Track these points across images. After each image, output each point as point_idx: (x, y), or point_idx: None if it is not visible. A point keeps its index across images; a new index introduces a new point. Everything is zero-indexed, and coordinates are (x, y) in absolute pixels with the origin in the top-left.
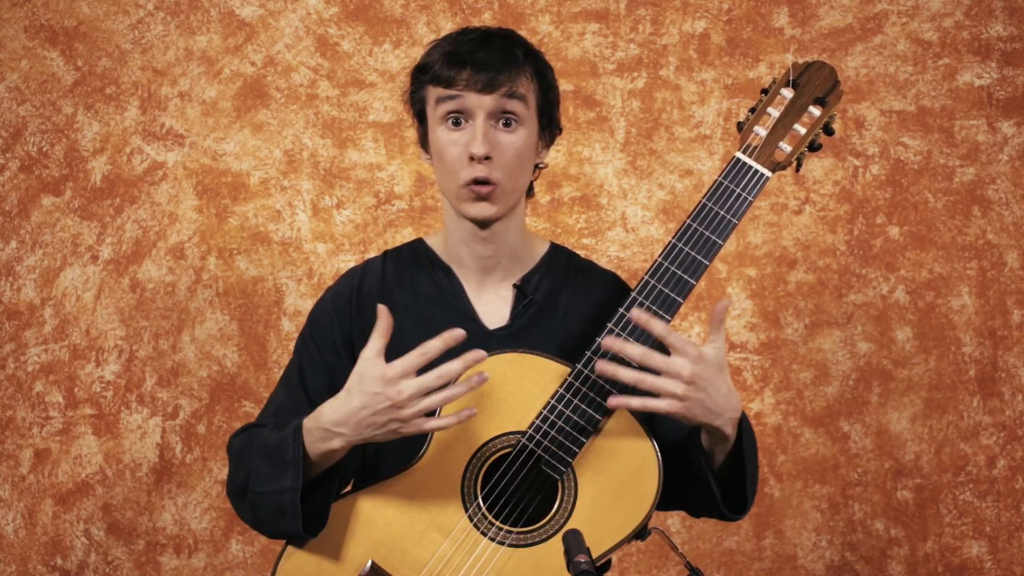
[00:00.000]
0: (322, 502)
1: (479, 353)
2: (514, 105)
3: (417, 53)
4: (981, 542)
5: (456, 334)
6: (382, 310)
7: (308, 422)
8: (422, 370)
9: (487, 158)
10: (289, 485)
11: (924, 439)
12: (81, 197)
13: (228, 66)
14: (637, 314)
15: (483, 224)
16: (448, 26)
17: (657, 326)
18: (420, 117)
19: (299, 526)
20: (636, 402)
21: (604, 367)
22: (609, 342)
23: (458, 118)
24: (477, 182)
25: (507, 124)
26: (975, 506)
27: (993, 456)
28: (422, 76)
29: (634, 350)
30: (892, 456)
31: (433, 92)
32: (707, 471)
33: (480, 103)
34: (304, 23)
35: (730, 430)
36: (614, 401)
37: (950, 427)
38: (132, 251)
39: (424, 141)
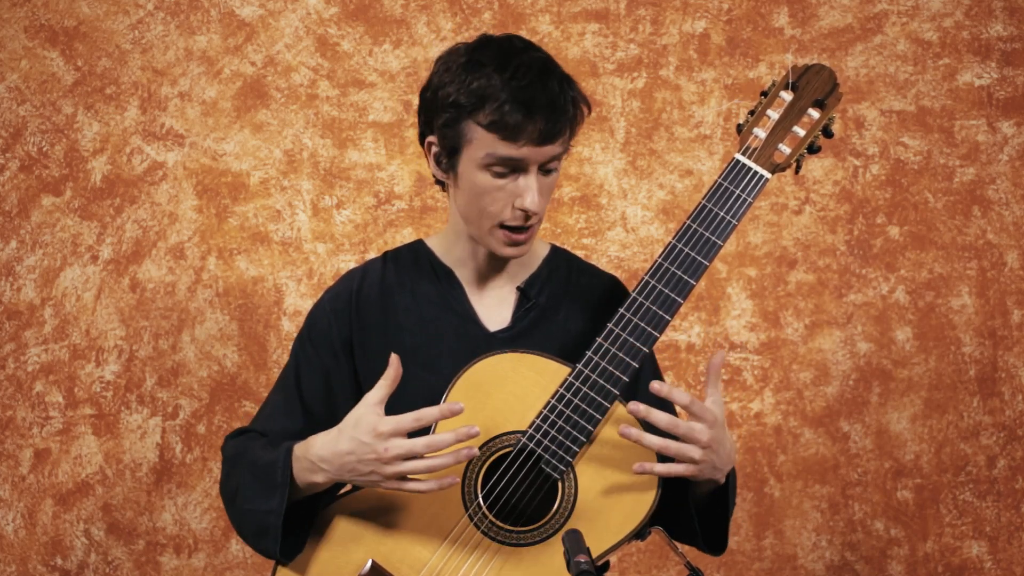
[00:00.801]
0: (302, 530)
1: (473, 428)
2: (563, 150)
3: (417, 53)
4: (981, 542)
5: (455, 407)
6: (393, 359)
7: (299, 449)
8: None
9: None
10: (274, 508)
11: (924, 439)
12: (81, 197)
13: (228, 66)
14: (658, 387)
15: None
16: (448, 26)
17: (681, 397)
18: (451, 151)
19: (278, 549)
20: (661, 468)
21: (628, 432)
22: (634, 407)
23: (507, 172)
24: (517, 229)
25: (547, 172)
26: (975, 506)
27: (993, 456)
28: (468, 112)
29: (660, 419)
30: (892, 456)
31: (483, 137)
32: (691, 505)
33: (539, 156)
34: (304, 23)
35: (722, 479)
36: (638, 467)
37: (950, 427)
38: (132, 251)
39: (446, 167)
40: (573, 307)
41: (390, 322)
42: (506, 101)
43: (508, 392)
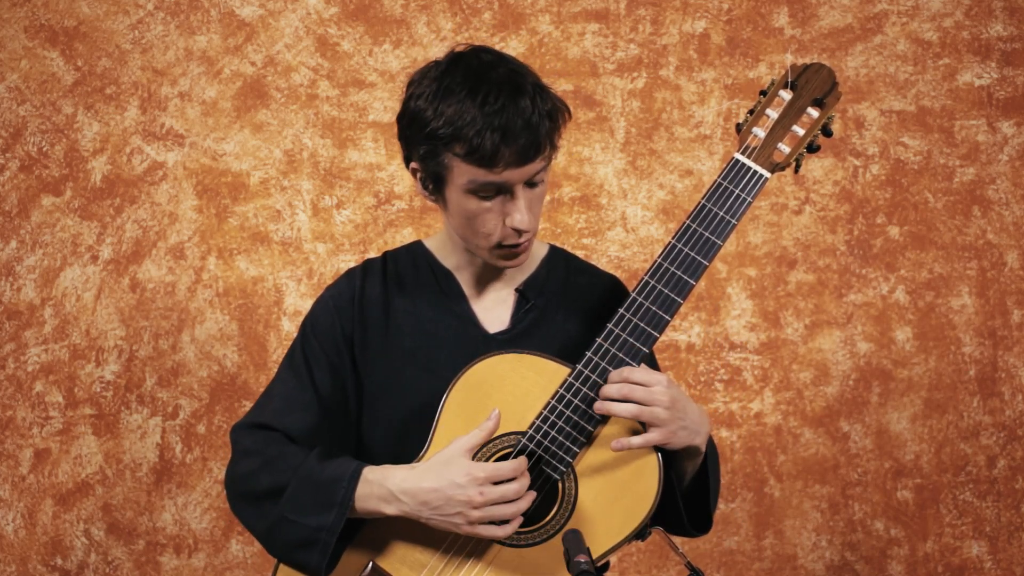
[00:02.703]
0: (341, 547)
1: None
2: (546, 164)
3: (417, 53)
4: (981, 542)
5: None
6: (494, 415)
7: (371, 474)
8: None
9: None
10: (329, 525)
11: (924, 439)
12: (81, 197)
13: (228, 66)
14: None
15: None
16: (448, 26)
17: (617, 375)
18: (436, 180)
19: (323, 565)
20: (637, 440)
21: (601, 407)
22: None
23: (491, 194)
24: (512, 246)
25: (534, 184)
26: (975, 506)
27: (993, 456)
28: (445, 147)
29: (615, 388)
30: (892, 456)
31: (464, 169)
32: (676, 491)
33: (521, 176)
34: (304, 23)
35: (704, 446)
36: (616, 444)
37: (950, 427)
38: (132, 251)
39: (433, 191)
40: (572, 308)
41: (390, 323)
42: (481, 130)
43: (508, 393)
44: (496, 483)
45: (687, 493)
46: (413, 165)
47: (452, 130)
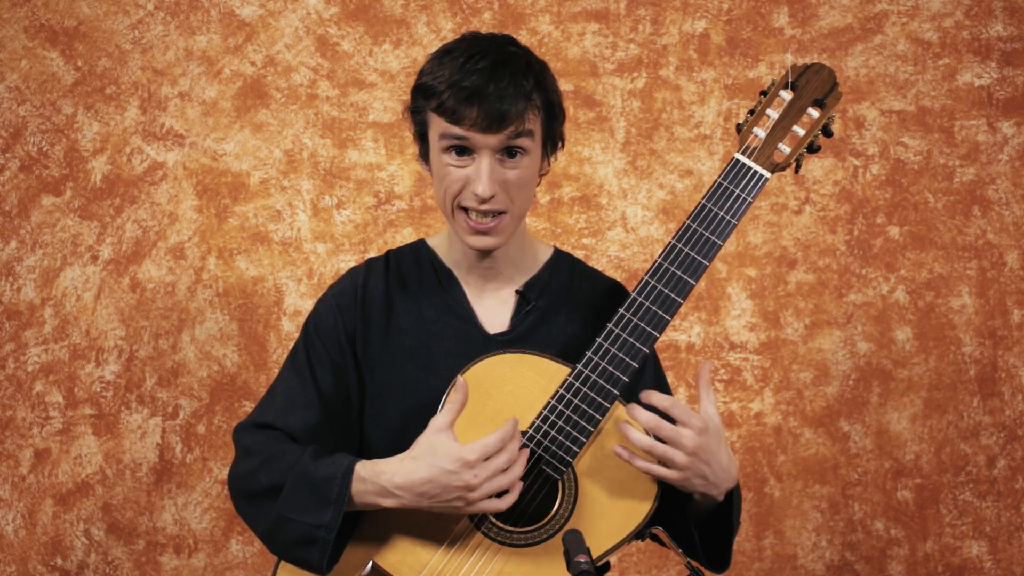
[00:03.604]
0: (342, 542)
1: (513, 420)
2: (521, 141)
3: (417, 53)
4: (981, 542)
5: (514, 425)
6: (460, 383)
7: (363, 470)
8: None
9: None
10: (327, 523)
11: (924, 439)
12: (81, 197)
13: (228, 66)
14: (645, 395)
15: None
16: (448, 26)
17: (662, 400)
18: (421, 137)
19: (324, 562)
20: (641, 464)
21: (624, 428)
22: (629, 409)
23: (463, 149)
24: (478, 217)
25: (512, 155)
26: (975, 506)
27: (993, 456)
28: (425, 100)
29: (645, 417)
30: (892, 456)
31: (437, 122)
32: (691, 521)
33: (486, 142)
34: (304, 23)
35: (722, 497)
36: (619, 450)
37: (950, 427)
38: (132, 251)
39: (423, 154)
40: (574, 311)
41: (392, 322)
42: (453, 84)
43: (508, 393)
44: (488, 459)
45: (703, 526)
46: (414, 137)
47: (432, 83)
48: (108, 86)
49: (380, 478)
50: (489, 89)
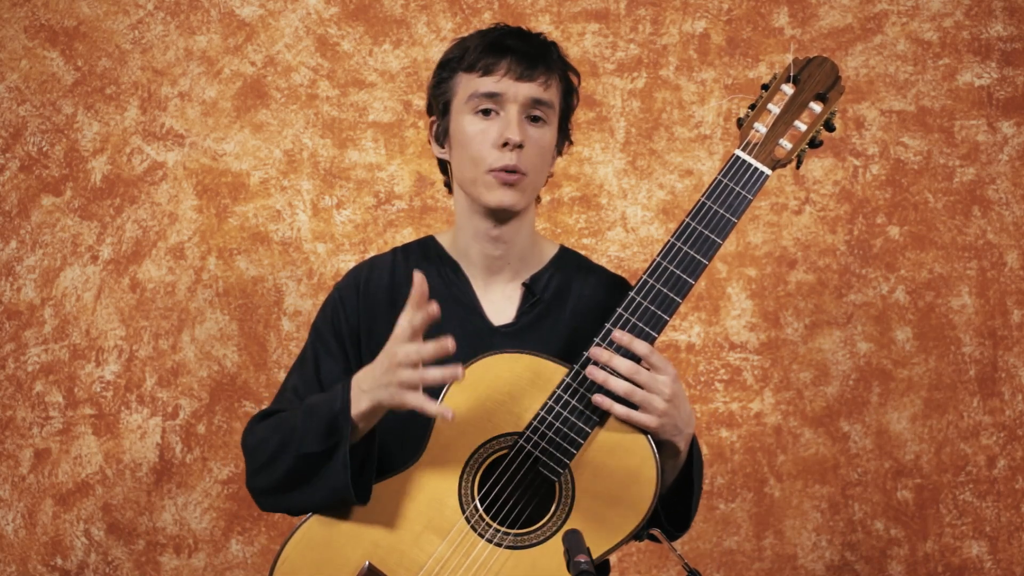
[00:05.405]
0: (365, 472)
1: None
2: (546, 98)
3: (417, 53)
4: (981, 542)
5: (432, 309)
6: (419, 279)
7: (352, 383)
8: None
9: (519, 146)
10: (340, 435)
11: (924, 439)
12: (81, 197)
13: (228, 66)
14: (619, 335)
15: (502, 216)
16: (448, 26)
17: (640, 347)
18: (444, 109)
19: (348, 478)
20: (620, 410)
21: (595, 373)
22: (596, 352)
23: (489, 109)
24: (507, 170)
25: (535, 120)
26: (975, 506)
27: (993, 456)
28: (455, 65)
29: (622, 364)
30: (892, 456)
31: (467, 80)
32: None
33: (517, 92)
34: (304, 23)
35: (684, 447)
36: (599, 399)
37: (950, 427)
38: (132, 251)
39: (441, 135)
40: (579, 306)
41: (397, 313)
42: (482, 43)
43: (504, 393)
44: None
45: (667, 491)
46: (432, 119)
47: (461, 51)
48: (108, 86)
49: (357, 381)
50: (519, 43)
